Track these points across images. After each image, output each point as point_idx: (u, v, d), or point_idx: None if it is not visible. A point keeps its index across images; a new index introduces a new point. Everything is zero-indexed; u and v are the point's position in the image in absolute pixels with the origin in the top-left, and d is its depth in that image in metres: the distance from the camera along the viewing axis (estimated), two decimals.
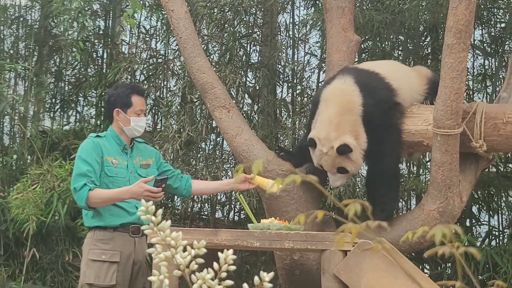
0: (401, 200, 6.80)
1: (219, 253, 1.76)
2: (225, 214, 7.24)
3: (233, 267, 1.75)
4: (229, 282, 1.71)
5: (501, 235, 6.89)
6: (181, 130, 6.51)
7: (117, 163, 4.21)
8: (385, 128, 4.44)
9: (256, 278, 1.71)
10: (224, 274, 1.72)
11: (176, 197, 6.82)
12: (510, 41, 6.93)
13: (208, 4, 6.73)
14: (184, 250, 1.76)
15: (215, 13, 6.85)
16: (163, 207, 6.53)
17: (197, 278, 1.70)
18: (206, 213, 7.25)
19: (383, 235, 4.36)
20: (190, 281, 1.70)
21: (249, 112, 7.17)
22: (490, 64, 7.25)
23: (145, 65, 7.39)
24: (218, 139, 7.05)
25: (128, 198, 4.09)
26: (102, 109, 7.58)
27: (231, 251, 1.75)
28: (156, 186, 4.02)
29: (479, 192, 6.74)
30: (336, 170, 4.39)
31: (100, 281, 4.08)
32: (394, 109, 4.52)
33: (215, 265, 1.75)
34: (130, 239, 4.18)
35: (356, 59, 5.79)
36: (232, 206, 7.19)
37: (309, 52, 7.51)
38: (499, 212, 6.91)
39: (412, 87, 4.72)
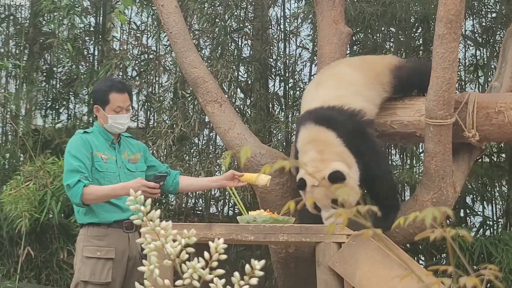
0: None
1: (210, 242, 1.75)
2: (219, 209, 7.22)
3: (224, 256, 1.74)
4: (220, 271, 1.70)
5: (495, 225, 6.90)
6: (174, 125, 6.48)
7: (107, 158, 4.14)
8: (368, 150, 4.26)
9: (247, 267, 1.70)
10: (215, 264, 1.71)
11: None
12: (501, 31, 6.92)
13: None
14: (174, 240, 1.75)
15: (205, 8, 6.83)
16: (157, 203, 6.52)
17: (187, 268, 1.69)
18: (200, 208, 7.23)
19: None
20: (181, 271, 1.69)
21: (241, 106, 7.15)
22: (482, 54, 7.25)
23: (137, 61, 7.36)
24: (211, 134, 7.03)
25: (125, 194, 3.99)
26: None
27: (221, 240, 1.74)
28: (154, 182, 3.95)
29: (472, 182, 6.75)
30: (330, 203, 4.00)
31: (95, 278, 4.02)
32: (368, 129, 4.35)
33: (206, 254, 1.74)
34: (124, 234, 4.12)
35: (348, 51, 5.78)
36: (227, 201, 7.17)
37: (300, 45, 7.49)
38: (493, 202, 6.92)
39: (371, 96, 4.53)
